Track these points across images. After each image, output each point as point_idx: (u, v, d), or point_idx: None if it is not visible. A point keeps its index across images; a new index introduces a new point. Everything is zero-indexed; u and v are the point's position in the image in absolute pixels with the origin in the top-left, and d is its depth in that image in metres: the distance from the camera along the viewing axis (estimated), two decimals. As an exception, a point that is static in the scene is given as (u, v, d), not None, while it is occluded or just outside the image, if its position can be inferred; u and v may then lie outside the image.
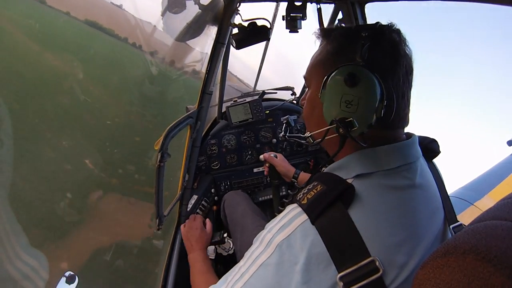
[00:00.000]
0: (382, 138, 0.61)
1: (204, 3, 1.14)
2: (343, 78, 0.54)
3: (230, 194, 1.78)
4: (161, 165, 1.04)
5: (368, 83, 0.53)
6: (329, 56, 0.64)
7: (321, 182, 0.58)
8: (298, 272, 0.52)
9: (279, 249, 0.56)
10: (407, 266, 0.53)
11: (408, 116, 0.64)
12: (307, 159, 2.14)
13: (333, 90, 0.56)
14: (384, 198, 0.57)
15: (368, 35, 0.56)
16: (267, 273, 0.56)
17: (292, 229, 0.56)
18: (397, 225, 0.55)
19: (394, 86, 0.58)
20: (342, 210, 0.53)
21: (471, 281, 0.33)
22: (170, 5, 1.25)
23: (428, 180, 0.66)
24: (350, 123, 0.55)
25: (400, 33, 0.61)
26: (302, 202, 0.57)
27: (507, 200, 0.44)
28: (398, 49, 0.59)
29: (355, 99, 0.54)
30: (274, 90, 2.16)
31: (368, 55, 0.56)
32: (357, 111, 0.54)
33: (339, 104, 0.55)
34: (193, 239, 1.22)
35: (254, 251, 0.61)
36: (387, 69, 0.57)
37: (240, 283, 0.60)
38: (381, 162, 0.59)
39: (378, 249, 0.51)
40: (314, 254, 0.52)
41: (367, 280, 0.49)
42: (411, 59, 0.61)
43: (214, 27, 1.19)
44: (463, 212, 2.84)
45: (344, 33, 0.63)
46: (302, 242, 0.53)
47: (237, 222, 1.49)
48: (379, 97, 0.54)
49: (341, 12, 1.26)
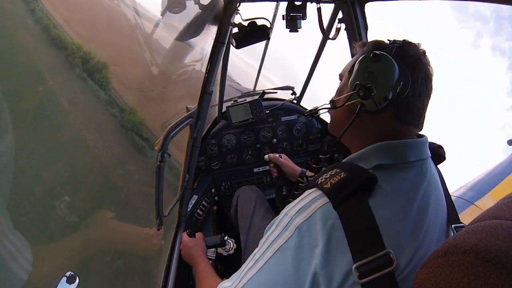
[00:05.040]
0: (397, 132, 0.65)
1: (204, 3, 1.14)
2: (369, 56, 0.63)
3: (244, 190, 1.75)
4: (161, 165, 1.05)
5: (389, 62, 0.61)
6: (363, 54, 0.69)
7: (344, 170, 0.59)
8: (318, 256, 0.52)
9: (299, 232, 0.55)
10: (413, 259, 0.53)
11: (422, 119, 0.68)
12: (307, 159, 2.14)
13: (359, 65, 0.64)
14: (401, 190, 0.58)
15: (397, 42, 0.66)
16: (285, 258, 0.55)
17: (312, 211, 0.56)
18: (411, 218, 0.56)
19: (412, 82, 0.63)
20: (363, 199, 0.54)
21: (471, 281, 0.33)
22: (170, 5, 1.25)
23: (436, 178, 0.68)
24: (369, 89, 0.61)
25: (425, 52, 0.68)
26: (324, 186, 0.57)
27: (508, 199, 0.44)
28: (420, 58, 0.66)
29: (376, 71, 0.61)
30: (274, 89, 2.16)
31: (395, 52, 0.64)
32: (377, 80, 0.61)
33: (363, 74, 0.63)
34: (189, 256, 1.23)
35: (269, 236, 0.61)
36: (408, 66, 0.63)
37: (253, 270, 0.59)
38: (400, 155, 0.62)
39: (392, 241, 0.52)
40: (334, 237, 0.52)
41: (381, 272, 0.49)
42: (431, 74, 0.67)
43: (214, 26, 1.19)
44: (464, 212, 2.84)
45: (379, 42, 0.71)
46: (323, 225, 0.53)
47: (247, 219, 1.49)
48: (396, 77, 0.61)
49: (341, 11, 1.26)
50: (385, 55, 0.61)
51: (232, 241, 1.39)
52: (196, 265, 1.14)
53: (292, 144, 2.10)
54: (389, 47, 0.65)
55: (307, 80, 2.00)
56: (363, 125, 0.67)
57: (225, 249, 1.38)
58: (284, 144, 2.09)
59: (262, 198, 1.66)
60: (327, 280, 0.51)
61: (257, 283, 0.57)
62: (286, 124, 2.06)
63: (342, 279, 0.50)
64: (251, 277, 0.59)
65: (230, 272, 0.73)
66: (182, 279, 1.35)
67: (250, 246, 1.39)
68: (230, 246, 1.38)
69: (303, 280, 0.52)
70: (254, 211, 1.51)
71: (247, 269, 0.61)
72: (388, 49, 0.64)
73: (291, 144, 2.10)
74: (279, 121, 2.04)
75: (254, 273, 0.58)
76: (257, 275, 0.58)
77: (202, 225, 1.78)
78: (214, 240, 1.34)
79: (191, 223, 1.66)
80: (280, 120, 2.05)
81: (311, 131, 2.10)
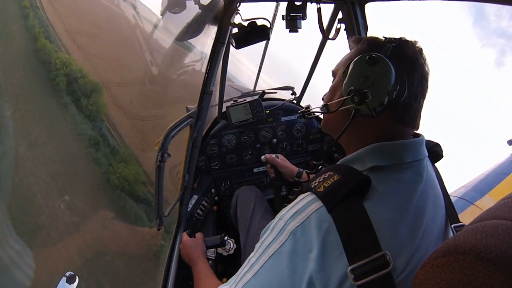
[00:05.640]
0: (394, 133, 0.64)
1: (204, 3, 1.14)
2: (365, 58, 0.61)
3: (244, 190, 1.75)
4: (161, 165, 1.05)
5: (385, 66, 0.60)
6: (358, 53, 0.68)
7: (338, 172, 0.58)
8: (313, 260, 0.52)
9: (293, 236, 0.55)
10: (412, 260, 0.53)
11: (418, 119, 0.67)
12: (307, 159, 2.14)
13: (355, 67, 0.62)
14: (397, 191, 0.58)
15: (393, 41, 0.64)
16: (280, 262, 0.55)
17: (306, 215, 0.55)
18: (408, 219, 0.56)
19: (409, 85, 0.62)
20: (358, 202, 0.54)
21: (471, 281, 0.33)
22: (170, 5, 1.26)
23: (433, 178, 0.68)
24: (364, 95, 0.59)
25: (422, 50, 0.66)
26: (318, 190, 0.57)
27: (507, 199, 0.44)
28: (417, 58, 0.64)
29: (372, 75, 0.60)
30: (274, 90, 2.16)
31: (391, 53, 0.63)
32: (373, 86, 0.60)
33: (358, 78, 0.61)
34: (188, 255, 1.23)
35: (264, 240, 0.61)
36: (405, 68, 0.62)
37: (249, 274, 0.59)
38: (395, 156, 0.61)
39: (389, 242, 0.51)
40: (329, 241, 0.52)
41: (377, 274, 0.49)
42: (428, 74, 0.66)
43: (214, 26, 1.19)
44: (464, 212, 2.84)
45: (374, 39, 0.69)
46: (317, 229, 0.53)
47: (246, 219, 1.49)
48: (393, 81, 0.59)
49: (341, 12, 1.26)
50: (382, 58, 0.60)
51: (232, 241, 1.39)
52: (195, 265, 1.14)
53: (292, 144, 2.10)
54: (385, 46, 0.63)
55: (307, 80, 2.00)
56: (359, 127, 0.66)
57: (225, 249, 1.38)
58: (284, 144, 2.09)
59: (261, 198, 1.66)
60: (323, 284, 0.51)
61: (253, 286, 0.57)
62: (286, 124, 2.06)
63: (339, 283, 0.50)
64: (247, 281, 0.59)
65: (230, 272, 0.72)
66: (182, 279, 1.35)
67: (249, 246, 1.39)
68: (230, 246, 1.38)
69: (299, 284, 0.52)
70: (253, 211, 1.51)
71: (243, 273, 0.61)
72: (384, 49, 0.62)
73: (291, 144, 2.10)
74: (279, 121, 2.04)
75: (250, 277, 0.58)
76: (253, 279, 0.58)
77: (202, 225, 1.78)
78: (214, 240, 1.34)
79: (191, 223, 1.66)
80: (280, 120, 2.05)
81: (311, 131, 2.10)
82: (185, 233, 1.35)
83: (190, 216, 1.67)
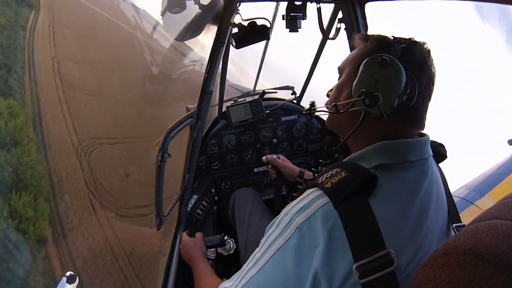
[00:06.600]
0: (400, 133, 0.64)
1: (204, 3, 1.14)
2: (376, 60, 0.60)
3: (241, 192, 1.75)
4: (161, 165, 1.05)
5: (397, 69, 0.59)
6: (367, 51, 0.67)
7: (345, 169, 0.59)
8: (319, 255, 0.52)
9: (299, 231, 0.55)
10: (414, 259, 0.53)
11: (424, 120, 0.68)
12: (307, 159, 2.13)
13: (365, 68, 0.62)
14: (402, 189, 0.58)
15: (403, 41, 0.64)
16: (286, 257, 0.55)
17: (312, 210, 0.55)
18: (411, 217, 0.56)
19: (418, 87, 0.62)
20: (364, 199, 0.54)
21: (471, 281, 0.33)
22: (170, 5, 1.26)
23: (437, 178, 0.68)
24: (376, 98, 0.59)
25: (430, 52, 0.66)
26: (325, 185, 0.57)
27: (508, 199, 0.44)
28: (426, 60, 0.64)
29: (383, 78, 0.59)
30: (274, 89, 2.16)
31: (400, 54, 0.62)
32: (384, 89, 0.59)
33: (369, 80, 0.60)
34: (188, 255, 1.23)
35: (269, 235, 0.60)
36: (414, 70, 0.62)
37: (254, 269, 0.59)
38: (401, 154, 0.62)
39: (393, 241, 0.51)
40: (334, 237, 0.52)
41: (381, 272, 0.49)
42: (434, 75, 0.66)
43: (214, 26, 1.19)
44: (464, 212, 2.84)
45: (383, 38, 0.68)
46: (323, 225, 0.53)
47: (244, 219, 1.49)
48: (403, 84, 0.59)
49: (341, 11, 1.26)
50: (393, 61, 0.59)
51: (232, 241, 1.39)
52: (195, 265, 1.14)
53: (292, 144, 2.10)
54: (394, 47, 0.63)
55: (307, 80, 2.01)
56: (366, 128, 0.66)
57: (225, 249, 1.38)
58: (284, 144, 2.09)
59: (258, 200, 1.66)
60: (328, 280, 0.51)
61: (257, 282, 0.57)
62: (286, 124, 2.06)
63: (343, 279, 0.50)
64: (252, 277, 0.58)
65: (230, 272, 0.72)
66: (182, 279, 1.35)
67: (248, 246, 1.39)
68: (230, 246, 1.38)
69: (304, 279, 0.52)
70: (251, 212, 1.51)
71: (248, 268, 0.60)
72: (394, 50, 0.62)
73: (291, 144, 2.10)
74: (279, 121, 2.04)
75: (254, 272, 0.58)
76: (258, 274, 0.58)
77: (202, 225, 1.78)
78: (214, 240, 1.34)
79: (191, 223, 1.66)
80: (280, 120, 2.05)
81: (311, 131, 2.10)
82: (185, 233, 1.35)
83: (190, 216, 1.67)
